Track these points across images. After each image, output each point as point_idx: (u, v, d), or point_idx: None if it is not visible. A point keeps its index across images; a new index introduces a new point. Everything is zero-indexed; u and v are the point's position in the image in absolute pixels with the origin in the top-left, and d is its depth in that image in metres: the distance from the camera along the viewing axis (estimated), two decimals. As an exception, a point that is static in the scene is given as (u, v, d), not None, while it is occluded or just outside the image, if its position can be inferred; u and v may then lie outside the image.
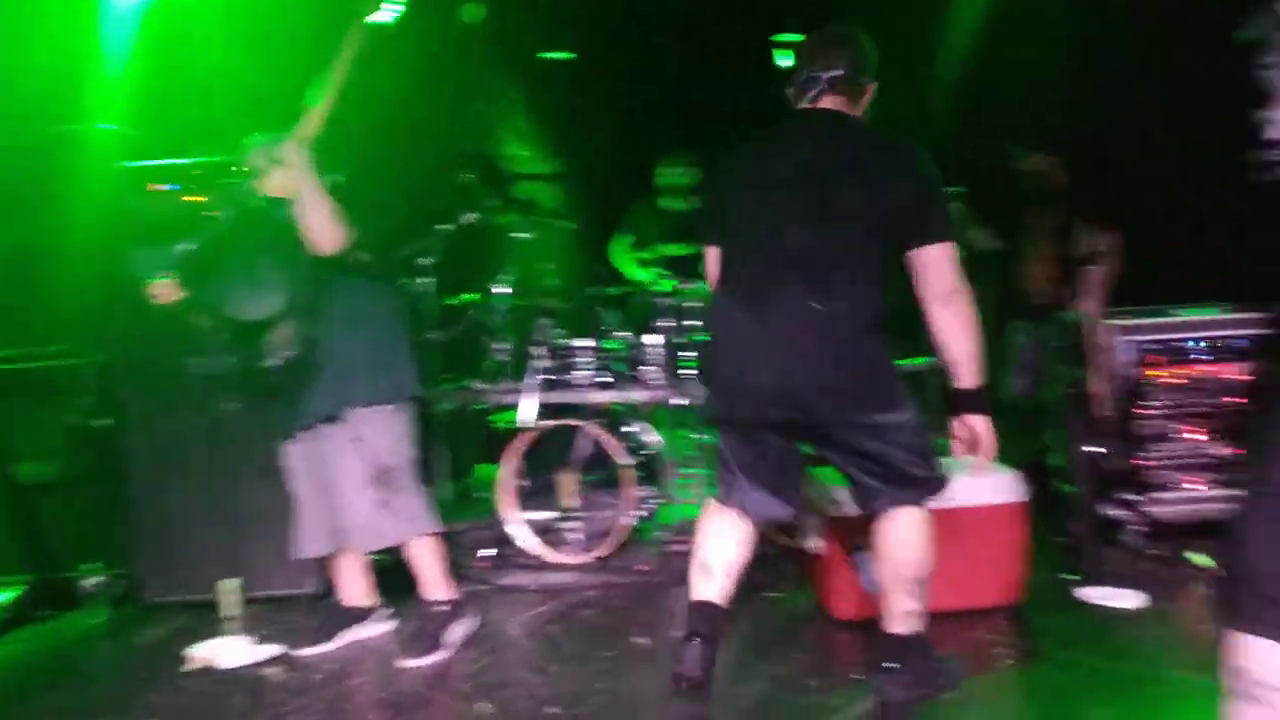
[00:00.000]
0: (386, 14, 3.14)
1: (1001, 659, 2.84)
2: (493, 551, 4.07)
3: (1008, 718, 2.63)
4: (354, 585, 3.35)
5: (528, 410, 3.95)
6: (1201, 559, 3.42)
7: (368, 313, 3.07)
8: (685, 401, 3.99)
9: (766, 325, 2.43)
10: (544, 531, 4.17)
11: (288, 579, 3.62)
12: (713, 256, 2.68)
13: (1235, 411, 3.72)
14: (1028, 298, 4.82)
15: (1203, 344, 3.80)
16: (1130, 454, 3.73)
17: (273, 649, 3.20)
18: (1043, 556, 3.41)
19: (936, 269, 2.39)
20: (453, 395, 4.50)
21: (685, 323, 4.13)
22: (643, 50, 6.54)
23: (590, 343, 4.12)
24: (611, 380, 4.09)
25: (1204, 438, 3.74)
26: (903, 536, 2.53)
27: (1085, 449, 3.48)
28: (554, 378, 4.09)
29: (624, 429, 4.33)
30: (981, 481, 3.15)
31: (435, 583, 3.19)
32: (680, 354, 4.05)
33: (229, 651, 3.17)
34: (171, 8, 4.55)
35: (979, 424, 2.44)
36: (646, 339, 4.09)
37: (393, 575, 3.40)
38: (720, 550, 2.63)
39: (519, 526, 4.06)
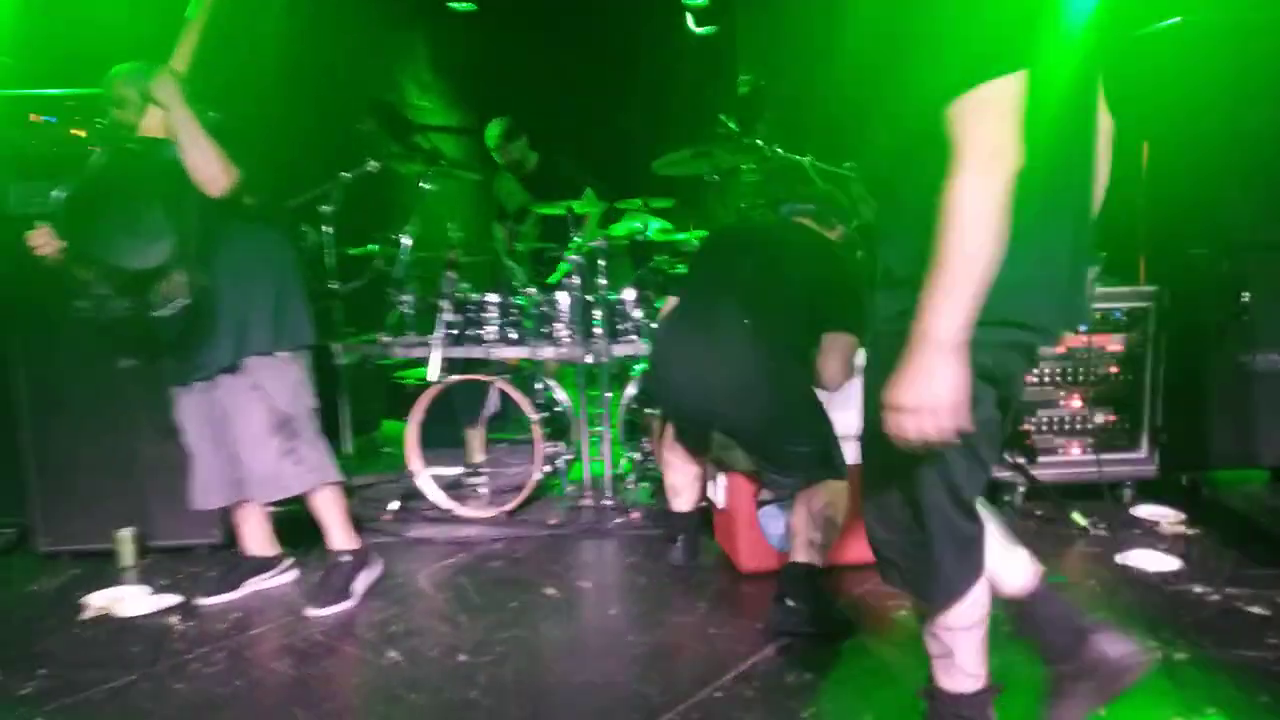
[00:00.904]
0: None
1: (895, 609, 2.97)
2: (398, 505, 4.03)
3: (898, 663, 2.75)
4: (256, 535, 3.28)
5: (434, 365, 3.91)
6: (1081, 519, 3.63)
7: (261, 259, 2.99)
8: (593, 359, 4.01)
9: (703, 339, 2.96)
10: (452, 486, 4.15)
11: (189, 529, 3.53)
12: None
13: (1110, 380, 3.95)
14: None
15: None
16: (1016, 419, 3.92)
17: (173, 598, 3.13)
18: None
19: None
20: (355, 348, 4.42)
21: (596, 280, 4.14)
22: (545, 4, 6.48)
23: (497, 298, 4.09)
24: (519, 337, 4.08)
25: (1082, 405, 3.96)
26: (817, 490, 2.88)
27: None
28: (461, 332, 4.05)
29: (533, 385, 4.34)
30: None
31: (339, 532, 3.16)
32: (590, 312, 4.06)
33: (128, 600, 3.09)
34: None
35: None
36: (557, 295, 4.08)
37: (296, 526, 3.34)
38: (683, 476, 3.35)
39: (426, 481, 4.03)
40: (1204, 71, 3.87)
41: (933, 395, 1.51)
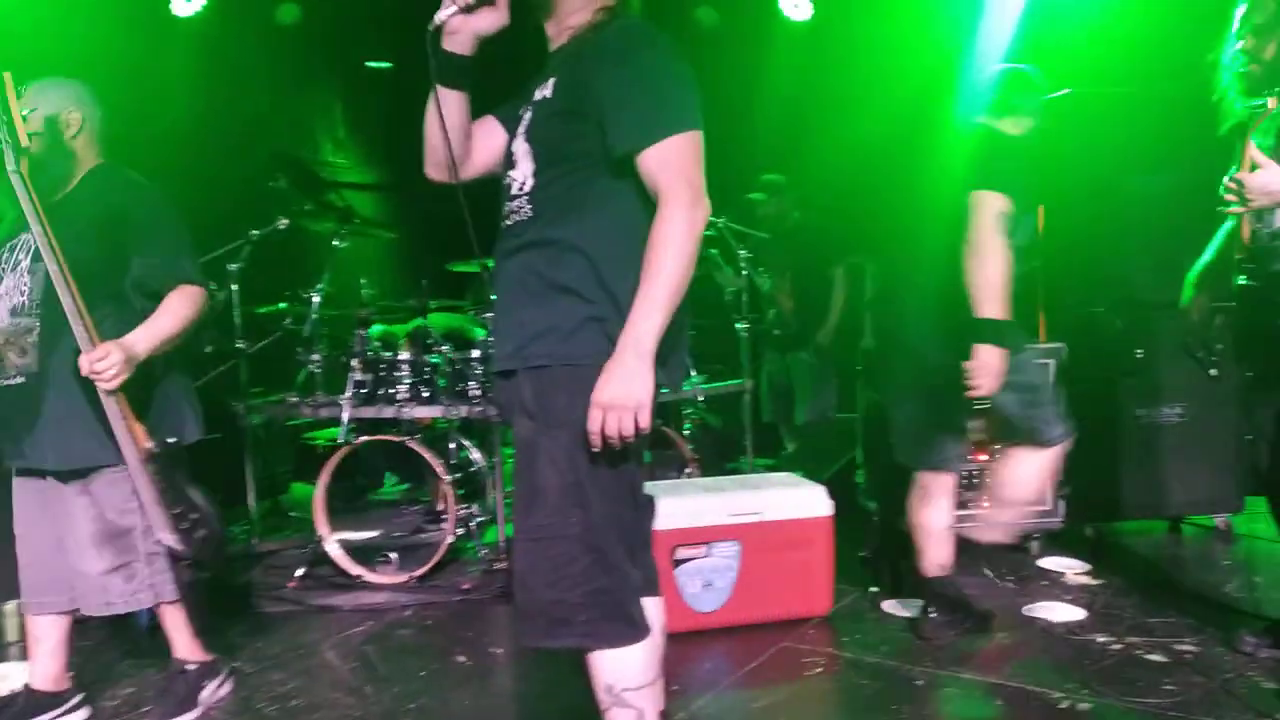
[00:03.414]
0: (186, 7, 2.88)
1: (811, 667, 2.97)
2: (303, 571, 3.90)
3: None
4: (47, 663, 2.69)
5: (344, 426, 3.82)
6: (990, 571, 3.70)
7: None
8: (496, 414, 3.96)
9: None
10: (361, 551, 4.03)
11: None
12: None
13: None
14: (773, 330, 5.21)
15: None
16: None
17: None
18: (850, 569, 3.62)
19: None
20: (262, 409, 4.30)
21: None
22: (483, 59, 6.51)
23: (409, 356, 4.03)
24: (431, 395, 4.02)
25: (989, 458, 4.04)
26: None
27: (886, 468, 3.70)
28: (372, 392, 3.97)
29: (447, 445, 4.27)
30: (792, 496, 3.31)
31: (185, 642, 2.77)
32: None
33: (12, 677, 2.88)
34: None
35: None
36: (471, 354, 4.03)
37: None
38: None
39: (334, 545, 3.91)
40: (1094, 139, 4.07)
41: (635, 394, 1.68)
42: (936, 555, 3.13)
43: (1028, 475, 3.10)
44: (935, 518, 3.12)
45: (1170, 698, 2.62)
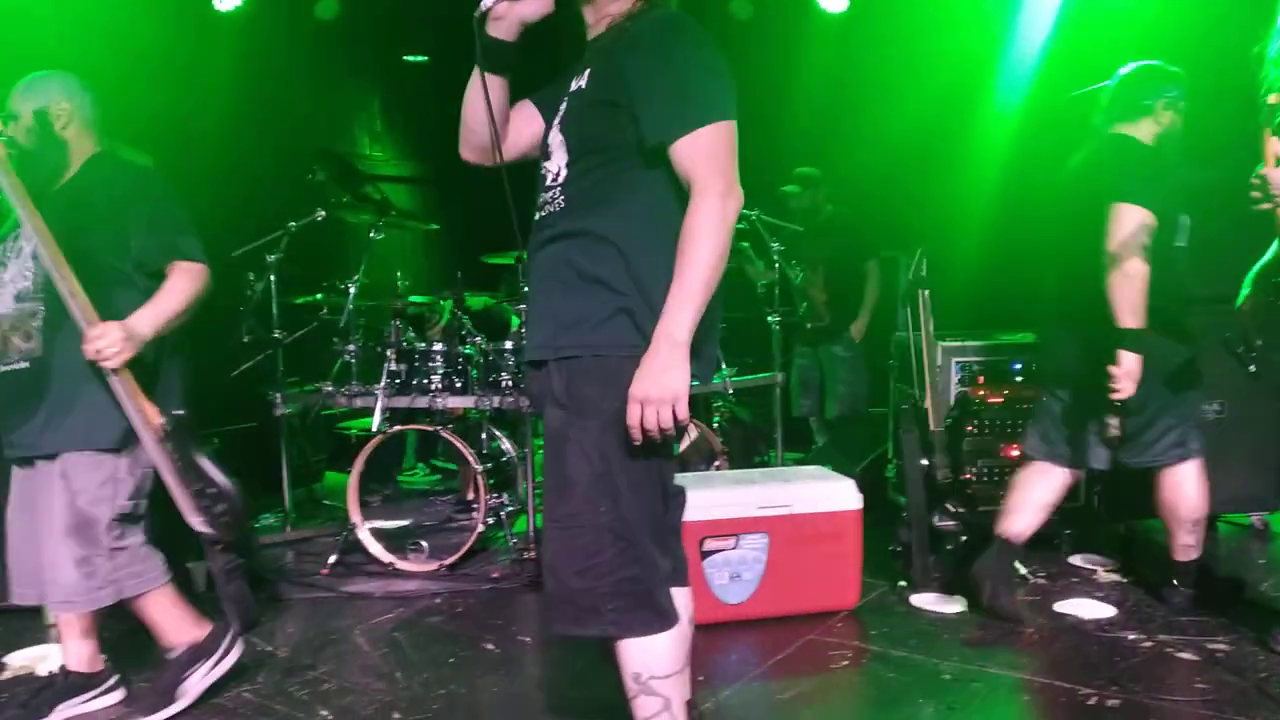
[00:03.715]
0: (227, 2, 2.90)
1: (838, 660, 2.97)
2: (336, 559, 3.96)
3: (843, 713, 2.75)
4: (79, 645, 2.70)
5: (378, 415, 3.88)
6: (1021, 568, 3.66)
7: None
8: (528, 405, 3.99)
9: None
10: (393, 538, 4.09)
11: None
12: None
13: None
14: (805, 323, 5.19)
15: (1019, 366, 4.09)
16: (958, 468, 3.96)
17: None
18: (879, 563, 3.61)
19: None
20: (297, 398, 4.37)
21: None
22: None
23: (443, 347, 4.07)
24: (464, 386, 4.06)
25: (1019, 455, 4.01)
26: (1180, 488, 3.16)
27: (917, 462, 3.68)
28: (406, 382, 4.02)
29: (479, 435, 4.31)
30: (822, 489, 3.31)
31: (165, 630, 2.70)
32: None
33: (52, 658, 2.96)
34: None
35: None
36: (504, 345, 4.07)
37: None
38: None
39: (367, 533, 3.97)
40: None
41: (672, 387, 1.68)
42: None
43: (1197, 492, 3.17)
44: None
45: (1201, 696, 2.59)
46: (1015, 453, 3.97)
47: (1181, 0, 4.44)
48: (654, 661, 1.84)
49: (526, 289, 4.01)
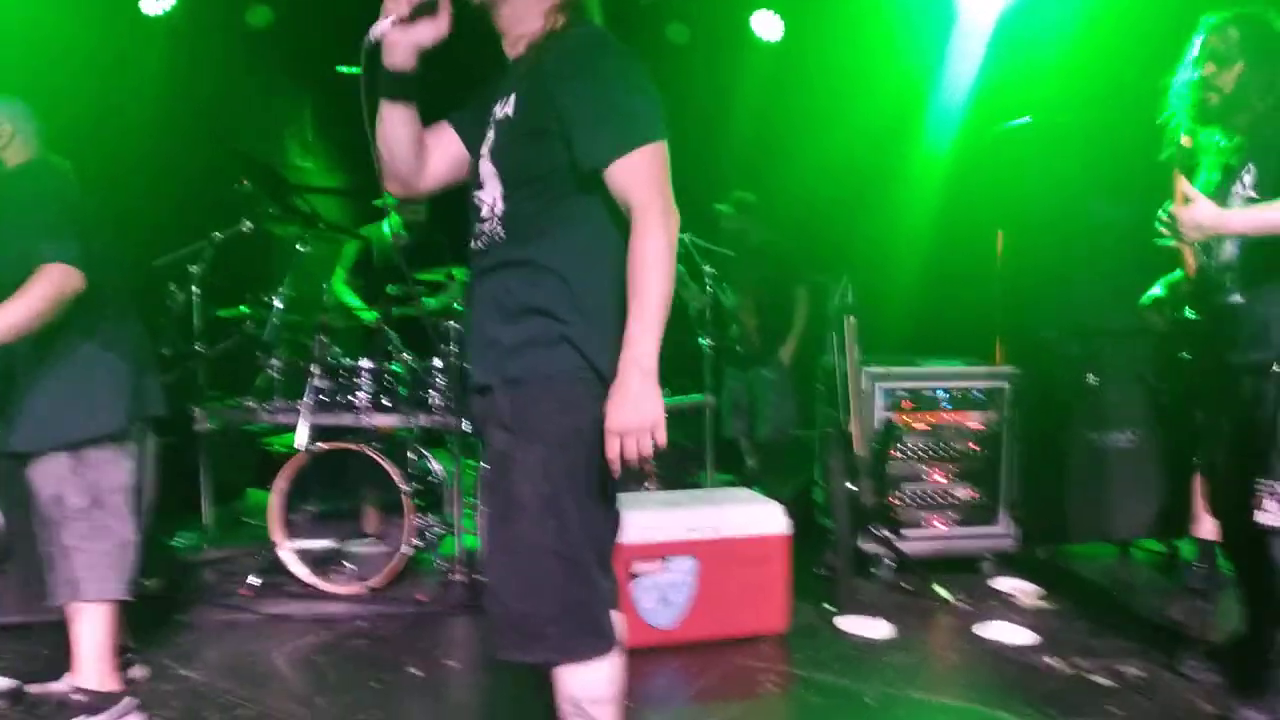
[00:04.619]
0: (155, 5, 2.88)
1: (765, 684, 2.98)
2: (258, 580, 3.84)
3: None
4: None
5: (303, 432, 3.79)
6: (944, 592, 3.74)
7: (69, 337, 2.55)
8: (470, 429, 3.95)
9: None
10: (317, 560, 3.99)
11: (29, 605, 3.18)
12: None
13: (970, 456, 4.11)
14: (736, 347, 5.25)
15: (945, 393, 4.18)
16: (884, 492, 4.03)
17: (6, 682, 2.86)
18: (807, 586, 3.64)
19: None
20: (220, 413, 4.25)
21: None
22: (429, 67, 6.51)
23: (370, 364, 4.01)
24: (392, 404, 4.00)
25: (944, 480, 4.10)
26: None
27: (844, 487, 3.74)
28: (332, 399, 3.94)
29: (406, 455, 4.24)
30: (749, 513, 3.33)
31: (87, 663, 2.60)
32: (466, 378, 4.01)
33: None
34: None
35: None
36: (432, 363, 4.02)
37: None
38: None
39: (290, 554, 3.87)
40: (1054, 166, 4.16)
41: (648, 415, 1.70)
42: None
43: None
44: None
45: (1112, 719, 2.67)
46: (940, 478, 4.06)
47: (1100, 40, 4.61)
48: (594, 687, 1.83)
49: (465, 315, 3.99)
